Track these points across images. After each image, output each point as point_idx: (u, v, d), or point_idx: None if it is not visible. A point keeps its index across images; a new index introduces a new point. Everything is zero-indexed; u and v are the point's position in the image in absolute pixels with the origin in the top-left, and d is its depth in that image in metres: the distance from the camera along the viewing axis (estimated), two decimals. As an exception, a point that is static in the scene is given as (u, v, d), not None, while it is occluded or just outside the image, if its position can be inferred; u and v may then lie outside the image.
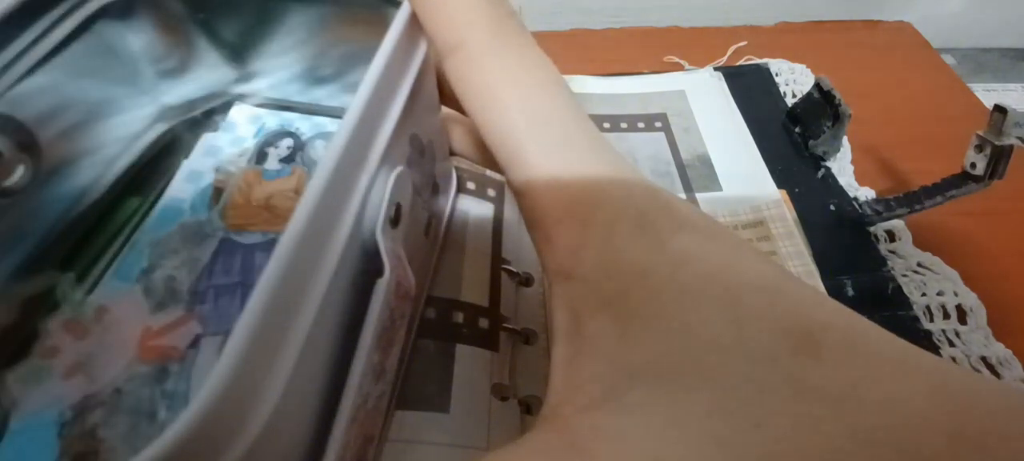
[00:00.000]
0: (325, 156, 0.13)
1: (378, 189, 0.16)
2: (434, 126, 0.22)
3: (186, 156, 0.29)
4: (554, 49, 0.17)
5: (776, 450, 0.11)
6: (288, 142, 0.30)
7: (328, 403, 0.14)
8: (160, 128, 0.29)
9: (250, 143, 0.30)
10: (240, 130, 0.30)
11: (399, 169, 0.17)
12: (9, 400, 0.21)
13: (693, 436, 0.12)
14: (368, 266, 0.15)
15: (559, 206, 0.15)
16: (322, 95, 0.31)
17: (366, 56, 0.15)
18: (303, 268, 0.13)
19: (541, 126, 0.15)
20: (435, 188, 0.23)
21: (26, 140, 0.23)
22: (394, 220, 0.16)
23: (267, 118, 0.31)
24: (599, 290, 0.14)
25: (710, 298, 0.13)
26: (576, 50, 0.47)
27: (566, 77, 0.41)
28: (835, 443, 0.11)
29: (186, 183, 0.28)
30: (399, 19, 0.17)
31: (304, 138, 0.30)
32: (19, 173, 0.22)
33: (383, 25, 0.16)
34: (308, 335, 0.12)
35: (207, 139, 0.30)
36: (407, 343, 0.22)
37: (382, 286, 0.15)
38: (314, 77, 0.30)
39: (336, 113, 0.31)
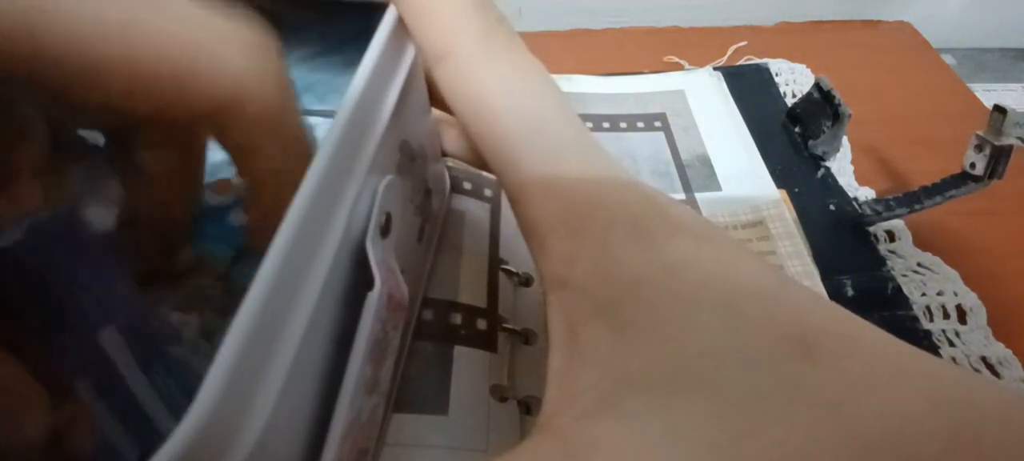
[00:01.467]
0: (312, 165, 0.13)
1: (366, 199, 0.15)
2: (425, 130, 0.21)
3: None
4: (554, 49, 0.17)
5: (773, 456, 0.11)
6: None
7: (320, 420, 0.14)
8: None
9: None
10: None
11: (388, 178, 0.16)
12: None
13: (690, 444, 0.11)
14: (358, 278, 0.15)
15: (553, 214, 0.15)
16: (309, 101, 0.30)
17: (353, 61, 0.15)
18: (291, 281, 0.12)
19: (533, 133, 0.15)
20: (427, 192, 0.23)
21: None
22: (384, 230, 0.16)
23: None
24: (593, 298, 0.14)
25: (705, 304, 0.13)
26: (576, 50, 0.46)
27: (566, 77, 0.41)
28: (831, 449, 0.11)
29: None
30: (386, 24, 0.16)
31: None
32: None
33: (370, 30, 0.16)
34: (298, 350, 0.12)
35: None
36: (401, 352, 0.22)
37: (373, 299, 0.15)
38: (303, 81, 0.30)
39: (325, 116, 0.31)
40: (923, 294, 0.30)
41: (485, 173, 0.31)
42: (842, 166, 0.36)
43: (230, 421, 0.11)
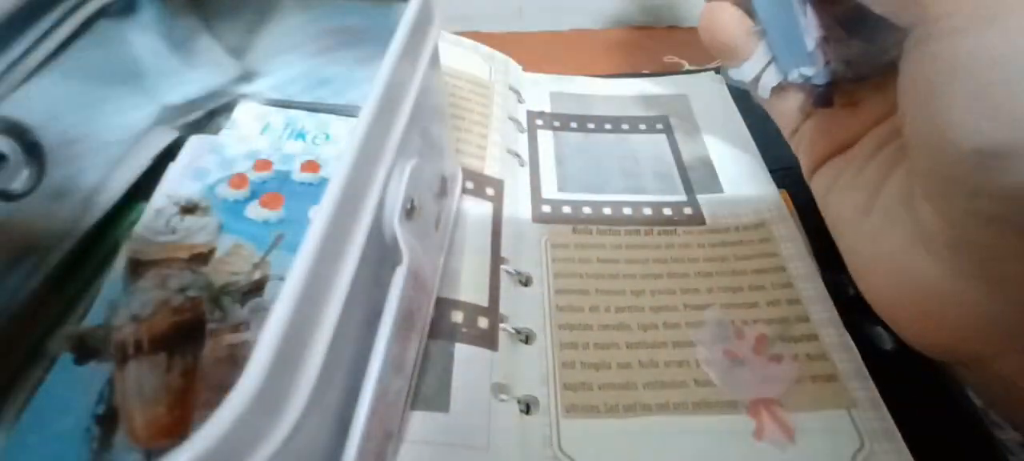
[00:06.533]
0: (345, 150, 0.14)
1: (395, 181, 0.17)
2: (443, 122, 0.22)
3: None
4: (554, 49, 0.18)
5: None
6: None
7: (351, 395, 0.15)
8: (168, 136, 0.29)
9: (256, 142, 0.30)
10: (245, 129, 0.30)
11: (414, 161, 0.18)
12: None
13: None
14: (387, 258, 0.16)
15: None
16: (326, 93, 0.31)
17: (372, 53, 0.16)
18: (329, 262, 0.14)
19: None
20: (443, 181, 0.25)
21: (30, 143, 0.23)
22: (409, 212, 0.17)
23: (273, 116, 0.31)
24: None
25: None
26: (576, 50, 0.47)
27: (566, 77, 0.41)
28: None
29: (193, 182, 0.28)
30: (410, 11, 0.17)
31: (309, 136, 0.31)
32: (23, 176, 0.23)
33: (390, 22, 0.17)
34: (336, 328, 0.13)
35: (211, 139, 0.30)
36: (421, 343, 0.23)
37: (400, 274, 0.16)
38: (319, 75, 0.30)
39: (342, 111, 0.31)
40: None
41: (487, 173, 0.31)
42: (843, 168, 0.37)
43: (275, 397, 0.12)
